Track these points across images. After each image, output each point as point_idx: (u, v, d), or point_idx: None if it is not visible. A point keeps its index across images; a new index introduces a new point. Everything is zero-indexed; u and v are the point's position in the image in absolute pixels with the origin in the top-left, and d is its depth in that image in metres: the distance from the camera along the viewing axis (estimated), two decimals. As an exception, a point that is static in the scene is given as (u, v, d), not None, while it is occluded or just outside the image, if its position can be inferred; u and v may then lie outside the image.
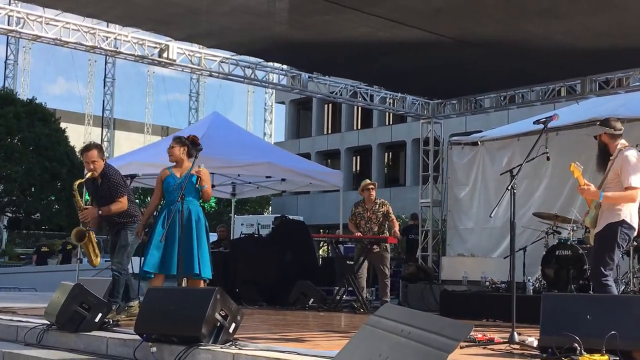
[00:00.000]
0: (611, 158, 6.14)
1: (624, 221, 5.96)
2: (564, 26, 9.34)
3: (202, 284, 7.31)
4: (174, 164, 7.47)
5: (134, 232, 7.57)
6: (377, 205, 10.49)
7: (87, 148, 7.63)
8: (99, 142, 51.17)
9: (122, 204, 7.44)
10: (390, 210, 10.53)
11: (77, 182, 7.58)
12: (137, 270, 8.46)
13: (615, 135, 6.15)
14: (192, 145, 7.47)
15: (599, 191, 6.08)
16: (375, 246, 10.32)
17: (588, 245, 9.08)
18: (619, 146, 6.11)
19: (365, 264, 10.43)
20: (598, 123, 6.33)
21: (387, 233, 10.58)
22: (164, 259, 7.16)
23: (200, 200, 7.50)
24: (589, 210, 6.27)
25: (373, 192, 10.50)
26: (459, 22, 9.34)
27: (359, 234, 10.49)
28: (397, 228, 10.63)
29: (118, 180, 7.48)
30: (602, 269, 5.96)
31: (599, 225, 6.10)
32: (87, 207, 7.64)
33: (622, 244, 6.01)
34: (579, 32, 9.51)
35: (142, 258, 7.46)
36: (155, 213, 7.60)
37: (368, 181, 10.78)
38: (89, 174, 7.48)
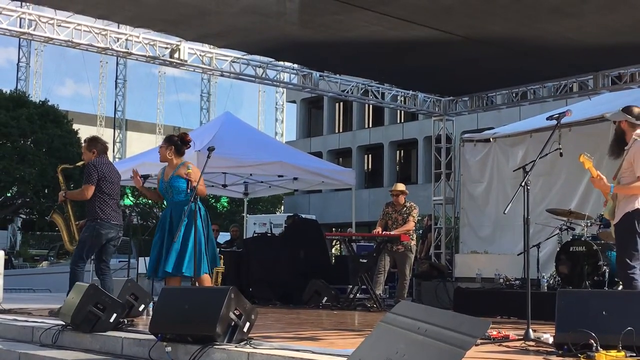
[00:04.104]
0: (626, 148, 6.06)
1: (639, 210, 5.91)
2: (575, 24, 9.29)
3: (207, 281, 7.25)
4: (166, 163, 7.55)
5: (92, 230, 7.65)
6: (406, 208, 10.57)
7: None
8: (112, 143, 51.59)
9: (83, 191, 7.71)
10: (414, 214, 10.54)
11: (61, 166, 8.34)
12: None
13: (635, 125, 6.03)
14: (181, 142, 7.49)
15: (609, 185, 6.03)
16: (399, 246, 10.35)
17: (602, 241, 9.05)
18: (634, 135, 6.02)
19: (387, 261, 10.44)
20: (621, 109, 6.17)
21: (412, 234, 10.62)
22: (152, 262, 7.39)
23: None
24: (607, 201, 6.18)
25: (399, 199, 10.62)
26: (469, 20, 9.32)
27: (376, 231, 10.55)
28: (404, 228, 10.40)
29: (88, 170, 7.73)
30: (628, 261, 5.84)
31: (616, 217, 6.01)
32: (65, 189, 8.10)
33: None
34: (590, 29, 9.46)
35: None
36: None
37: (399, 188, 10.72)
38: (79, 163, 8.22)
